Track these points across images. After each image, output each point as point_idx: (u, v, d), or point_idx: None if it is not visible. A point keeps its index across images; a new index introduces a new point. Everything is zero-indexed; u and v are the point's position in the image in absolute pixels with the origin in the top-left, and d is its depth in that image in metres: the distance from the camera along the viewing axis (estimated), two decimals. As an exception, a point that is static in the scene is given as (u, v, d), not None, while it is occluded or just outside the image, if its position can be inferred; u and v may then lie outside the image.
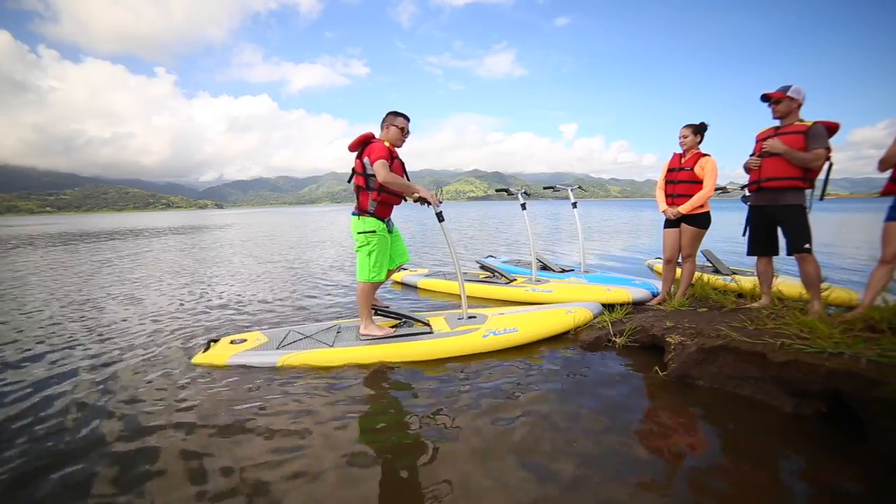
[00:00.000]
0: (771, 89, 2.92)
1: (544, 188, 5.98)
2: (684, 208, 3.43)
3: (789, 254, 2.99)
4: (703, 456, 1.85)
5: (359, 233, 3.00)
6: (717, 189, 3.96)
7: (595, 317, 3.47)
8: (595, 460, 1.78)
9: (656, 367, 2.63)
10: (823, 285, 3.03)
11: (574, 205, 5.57)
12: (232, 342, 3.11)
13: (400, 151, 3.12)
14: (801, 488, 1.62)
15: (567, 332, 3.29)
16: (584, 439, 1.93)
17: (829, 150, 2.78)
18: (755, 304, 3.21)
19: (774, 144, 2.87)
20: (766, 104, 2.97)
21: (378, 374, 2.71)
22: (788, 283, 3.99)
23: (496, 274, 4.95)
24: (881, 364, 1.88)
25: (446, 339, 2.98)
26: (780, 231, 3.06)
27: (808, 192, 2.91)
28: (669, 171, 3.58)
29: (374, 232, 2.98)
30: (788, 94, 2.84)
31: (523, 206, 5.03)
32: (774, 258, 3.21)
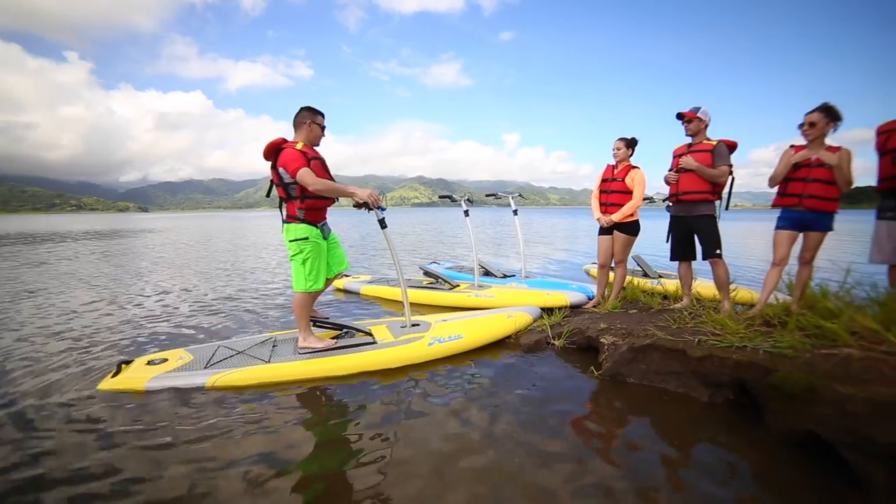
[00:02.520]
0: (685, 109, 3.30)
1: (487, 195, 6.20)
2: (616, 216, 3.73)
3: (704, 259, 3.37)
4: (631, 446, 2.03)
5: (291, 241, 2.89)
6: (645, 199, 4.36)
7: (535, 320, 3.65)
8: (537, 456, 1.89)
9: (592, 367, 2.83)
10: (732, 286, 3.46)
11: (515, 212, 5.83)
12: (149, 363, 2.84)
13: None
14: (711, 464, 1.86)
15: (509, 337, 3.42)
16: (527, 438, 2.04)
17: (731, 166, 3.21)
18: (677, 305, 3.57)
19: (688, 161, 3.25)
20: (680, 122, 3.36)
21: (319, 389, 2.63)
22: (705, 284, 4.46)
23: (439, 280, 5.03)
24: (774, 354, 2.20)
25: (390, 348, 2.97)
26: (696, 238, 3.44)
27: (717, 203, 3.31)
28: (603, 181, 3.89)
29: (306, 239, 2.88)
30: (698, 114, 3.25)
31: (466, 213, 5.18)
32: (693, 262, 3.59)
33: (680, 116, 3.35)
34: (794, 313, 2.61)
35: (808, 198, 2.94)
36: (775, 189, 3.14)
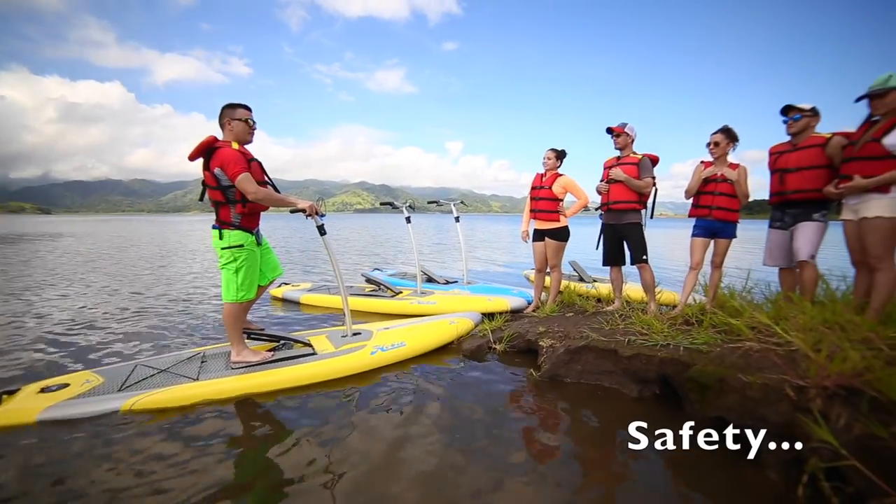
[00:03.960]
0: (614, 124, 3.61)
1: (429, 202, 6.29)
2: (570, 211, 4.01)
3: (632, 264, 3.67)
4: (569, 442, 2.17)
5: (223, 248, 2.71)
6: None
7: (476, 326, 3.75)
8: (481, 458, 1.96)
9: (531, 370, 2.97)
10: (657, 289, 3.78)
11: (457, 219, 5.94)
12: (43, 390, 2.46)
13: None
14: (638, 453, 2.02)
15: (452, 343, 3.49)
16: (470, 442, 2.10)
17: (654, 178, 3.54)
18: (609, 308, 3.84)
19: (618, 173, 3.54)
20: (609, 136, 3.65)
21: (254, 406, 2.50)
22: (634, 288, 4.83)
23: (382, 287, 5.00)
24: (691, 350, 2.45)
25: (331, 359, 2.90)
26: (625, 245, 3.73)
27: (643, 212, 3.62)
28: (533, 188, 4.11)
29: (241, 246, 2.73)
30: (625, 130, 3.56)
31: (408, 220, 5.21)
32: (623, 267, 3.88)
33: (609, 131, 3.64)
34: (708, 312, 2.93)
35: (716, 209, 3.33)
36: (690, 200, 3.51)
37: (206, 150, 2.64)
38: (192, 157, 2.67)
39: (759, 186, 3.41)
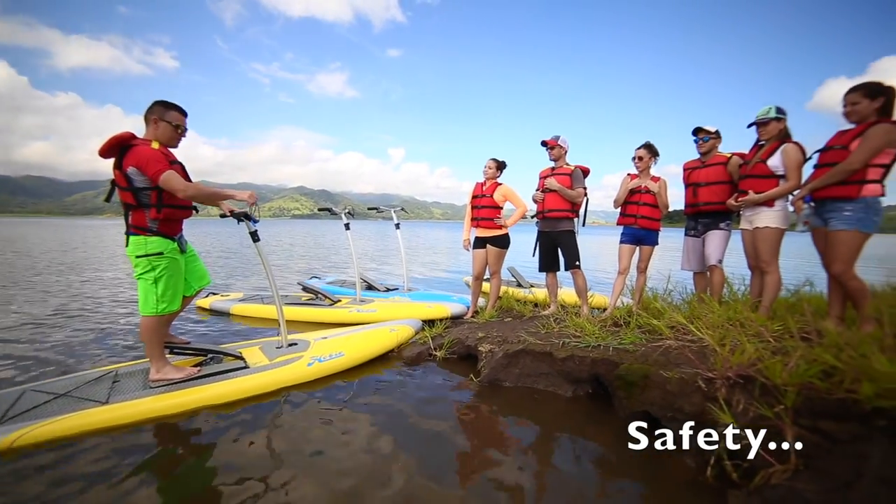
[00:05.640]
0: (547, 137, 3.85)
1: (369, 209, 6.24)
2: (511, 220, 4.13)
3: (566, 269, 3.91)
4: (507, 444, 2.25)
5: (138, 256, 2.47)
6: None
7: (416, 333, 3.78)
8: (422, 466, 1.98)
9: (471, 375, 3.05)
10: (590, 293, 4.05)
11: (397, 225, 5.95)
12: None
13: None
14: (572, 449, 2.19)
15: (392, 351, 3.48)
16: (412, 450, 2.11)
17: (585, 188, 3.81)
18: (545, 312, 4.05)
19: (552, 183, 3.77)
20: (544, 148, 3.88)
21: (176, 428, 2.31)
22: (569, 292, 5.13)
23: (319, 296, 4.87)
24: (619, 350, 2.67)
25: (265, 372, 2.78)
26: (559, 251, 3.96)
27: (575, 220, 3.88)
28: (474, 197, 4.25)
29: (160, 254, 2.50)
30: (559, 142, 3.80)
31: (347, 227, 5.14)
32: (558, 273, 4.12)
33: (544, 144, 3.87)
34: (634, 314, 3.20)
35: (640, 217, 3.68)
36: (618, 210, 3.84)
37: (119, 147, 2.40)
38: (103, 153, 2.42)
39: (677, 198, 3.82)
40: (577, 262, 3.83)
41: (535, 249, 4.08)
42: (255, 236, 2.91)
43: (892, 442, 1.47)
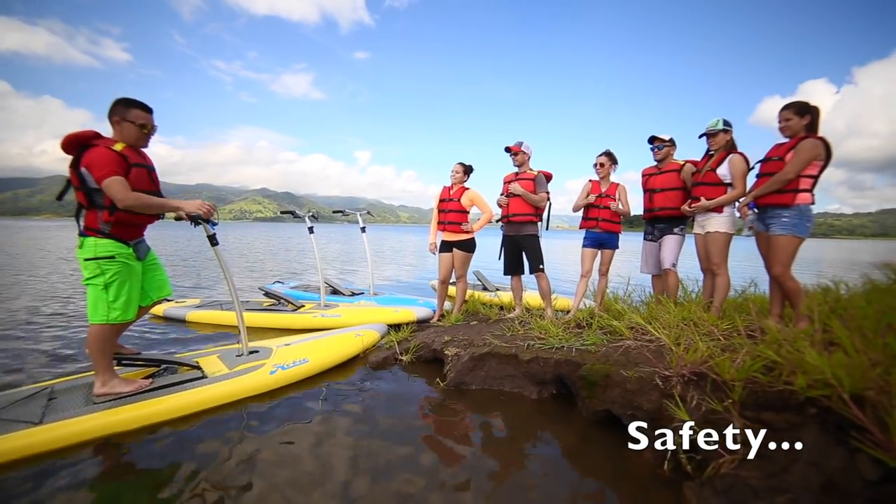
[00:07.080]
0: (511, 143, 3.94)
1: (334, 212, 6.16)
2: (477, 225, 4.20)
3: (530, 273, 4.01)
4: (474, 446, 2.29)
5: (87, 259, 2.34)
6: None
7: (382, 337, 3.78)
8: (390, 472, 1.99)
9: (438, 379, 3.07)
10: (553, 296, 4.18)
11: (363, 229, 5.91)
12: None
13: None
14: (538, 449, 2.25)
15: (358, 356, 3.46)
16: (378, 455, 2.12)
17: (548, 193, 3.94)
18: (510, 315, 4.14)
19: (516, 188, 3.87)
20: (508, 154, 3.99)
21: (124, 448, 2.17)
22: (533, 295, 5.26)
23: (282, 301, 4.76)
24: (582, 351, 2.77)
25: (224, 382, 2.68)
26: (524, 255, 4.06)
27: (539, 224, 4.00)
28: (441, 201, 4.30)
29: (111, 258, 2.37)
30: (522, 148, 3.91)
31: (311, 230, 5.05)
32: (523, 276, 4.22)
33: (508, 150, 3.97)
34: (596, 316, 3.34)
35: (602, 221, 3.83)
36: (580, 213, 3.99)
37: (78, 146, 2.31)
38: (64, 148, 2.34)
39: (637, 204, 4.04)
40: (541, 266, 3.95)
41: (500, 253, 4.17)
42: (213, 240, 2.80)
43: (821, 428, 1.63)
